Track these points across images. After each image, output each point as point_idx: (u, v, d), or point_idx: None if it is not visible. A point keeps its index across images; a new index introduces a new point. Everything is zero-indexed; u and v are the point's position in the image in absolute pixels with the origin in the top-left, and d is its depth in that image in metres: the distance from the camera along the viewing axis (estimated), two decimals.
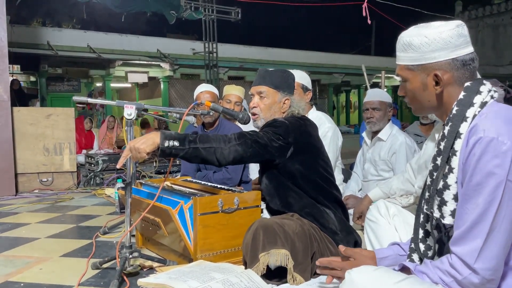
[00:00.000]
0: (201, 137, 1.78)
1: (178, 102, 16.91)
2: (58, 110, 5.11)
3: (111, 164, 5.27)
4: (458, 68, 1.21)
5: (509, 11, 29.08)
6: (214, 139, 1.78)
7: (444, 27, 1.21)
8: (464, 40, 1.21)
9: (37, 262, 2.24)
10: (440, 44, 1.20)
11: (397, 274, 1.17)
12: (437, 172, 1.23)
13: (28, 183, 4.85)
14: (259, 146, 1.82)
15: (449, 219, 1.20)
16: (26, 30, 13.04)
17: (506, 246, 1.10)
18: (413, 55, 1.24)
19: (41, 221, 3.25)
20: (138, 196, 2.24)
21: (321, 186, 1.96)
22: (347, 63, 20.08)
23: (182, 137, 1.74)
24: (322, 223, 1.92)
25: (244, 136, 1.83)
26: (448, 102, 1.24)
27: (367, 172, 2.99)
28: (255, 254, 1.70)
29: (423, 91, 1.26)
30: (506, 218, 1.08)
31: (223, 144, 1.77)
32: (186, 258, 2.02)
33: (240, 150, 1.78)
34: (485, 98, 1.19)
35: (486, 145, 1.09)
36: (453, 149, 1.19)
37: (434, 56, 1.21)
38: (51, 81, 15.85)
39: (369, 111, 2.88)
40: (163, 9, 12.71)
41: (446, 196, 1.20)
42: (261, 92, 2.02)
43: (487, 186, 1.08)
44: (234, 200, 2.00)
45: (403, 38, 1.26)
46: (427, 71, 1.23)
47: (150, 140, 1.71)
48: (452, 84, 1.22)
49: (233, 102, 3.50)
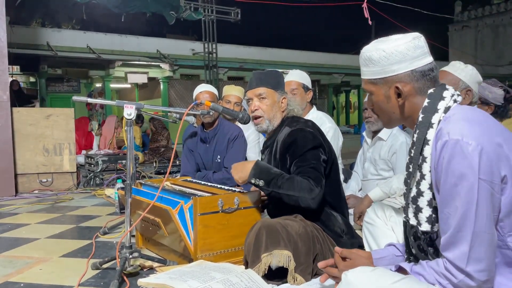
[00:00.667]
0: (286, 182, 1.79)
1: (178, 103, 16.89)
2: (57, 110, 5.11)
3: (111, 164, 5.27)
4: (418, 79, 1.24)
5: (508, 11, 29.10)
6: (297, 185, 1.78)
7: (401, 40, 1.24)
8: (421, 51, 1.24)
9: (37, 263, 2.24)
10: (397, 57, 1.23)
11: (393, 274, 1.17)
12: (411, 180, 1.25)
13: (28, 184, 4.85)
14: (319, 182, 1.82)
15: (425, 226, 1.22)
16: (26, 30, 13.02)
17: (493, 244, 1.10)
18: (374, 69, 1.27)
19: (41, 222, 3.25)
20: (138, 196, 2.24)
21: (333, 188, 1.99)
22: (346, 63, 20.08)
23: (269, 178, 1.81)
24: (327, 226, 1.93)
25: (313, 172, 1.82)
26: (414, 112, 1.27)
27: (367, 172, 2.99)
28: (257, 254, 1.70)
29: (387, 103, 1.29)
30: (487, 216, 1.09)
31: (307, 194, 1.76)
32: (186, 258, 2.02)
33: (321, 194, 1.80)
34: (448, 103, 1.21)
35: (453, 148, 1.10)
36: (422, 155, 1.21)
37: (394, 69, 1.24)
38: (51, 82, 15.84)
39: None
40: (162, 10, 12.70)
41: (420, 203, 1.22)
42: (260, 94, 2.02)
43: (461, 188, 1.09)
44: (234, 200, 2.00)
45: (364, 53, 1.30)
46: (389, 84, 1.26)
47: (245, 172, 1.87)
48: (414, 95, 1.25)
49: (232, 102, 3.49)
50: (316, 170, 1.82)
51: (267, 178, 1.81)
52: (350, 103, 26.42)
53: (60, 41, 13.36)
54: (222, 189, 2.23)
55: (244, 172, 1.87)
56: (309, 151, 1.87)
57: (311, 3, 18.28)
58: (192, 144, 3.18)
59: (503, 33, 29.28)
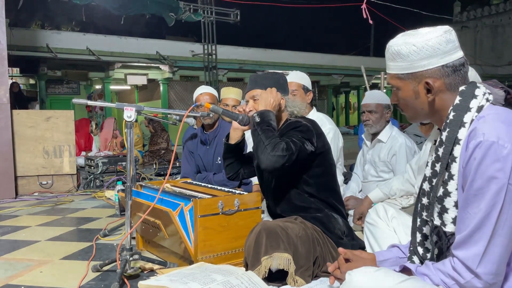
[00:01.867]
0: (271, 132, 1.82)
1: (178, 104, 16.89)
2: (57, 112, 5.11)
3: (111, 166, 5.27)
4: (449, 75, 1.19)
5: (507, 11, 29.12)
6: (272, 140, 1.79)
7: (432, 34, 1.19)
8: (452, 45, 1.19)
9: (37, 265, 2.24)
10: (428, 52, 1.18)
11: (398, 275, 1.16)
12: (436, 179, 1.22)
13: (28, 186, 4.84)
14: (295, 151, 1.80)
15: (450, 227, 1.18)
16: (25, 33, 13.01)
17: (508, 249, 1.09)
18: (402, 64, 1.23)
19: (41, 224, 3.25)
20: (138, 198, 2.24)
21: (333, 190, 1.99)
22: (346, 64, 20.08)
23: (265, 121, 1.85)
24: (327, 228, 1.93)
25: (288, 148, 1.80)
26: (442, 109, 1.23)
27: (367, 173, 3.00)
28: (257, 257, 1.70)
29: (415, 99, 1.25)
30: (507, 222, 1.07)
31: (270, 150, 1.76)
32: (187, 260, 2.01)
33: (281, 161, 1.76)
34: (481, 102, 1.17)
35: (487, 149, 1.07)
36: (452, 155, 1.17)
37: (424, 64, 1.19)
38: (51, 84, 15.84)
39: (366, 114, 2.89)
40: (162, 11, 12.71)
41: (447, 203, 1.19)
42: (254, 96, 2.03)
43: (488, 190, 1.07)
44: (234, 202, 2.00)
45: (392, 47, 1.24)
46: (418, 79, 1.22)
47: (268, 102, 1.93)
48: (444, 91, 1.21)
49: (230, 105, 3.48)
50: (292, 143, 1.81)
51: (265, 119, 1.85)
52: (350, 104, 26.40)
53: (59, 43, 13.35)
54: (223, 191, 2.23)
55: (269, 103, 1.92)
56: (295, 132, 1.89)
57: (310, 5, 18.30)
58: (192, 146, 3.18)
59: (502, 34, 29.30)
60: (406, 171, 2.45)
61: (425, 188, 1.28)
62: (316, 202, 1.95)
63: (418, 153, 2.86)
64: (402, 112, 1.33)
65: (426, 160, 1.95)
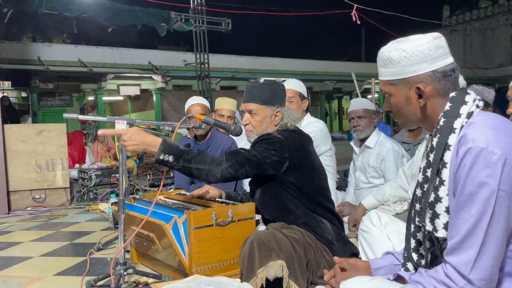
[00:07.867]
0: (197, 156, 1.82)
1: (171, 114, 16.89)
2: (49, 126, 5.07)
3: (104, 178, 5.24)
4: (439, 80, 1.21)
5: (495, 14, 29.52)
6: (207, 160, 1.82)
7: (422, 40, 1.21)
8: (442, 51, 1.21)
9: (30, 282, 2.21)
10: (419, 57, 1.20)
11: (391, 284, 1.16)
12: (428, 185, 1.23)
13: (20, 201, 4.79)
14: (252, 164, 1.85)
15: (442, 232, 1.19)
16: (16, 46, 12.97)
17: (500, 255, 1.09)
18: (394, 70, 1.25)
19: (35, 239, 3.21)
20: (132, 212, 2.23)
21: (315, 199, 1.98)
22: (338, 70, 20.21)
23: (179, 154, 1.80)
24: (317, 232, 1.93)
25: (235, 155, 1.86)
26: (433, 114, 1.24)
27: (359, 180, 3.02)
28: (252, 269, 1.69)
29: (407, 104, 1.26)
30: (499, 227, 1.08)
31: (215, 167, 1.81)
32: (182, 273, 2.00)
33: (232, 172, 1.83)
34: (471, 108, 1.19)
35: (476, 155, 1.08)
36: (442, 161, 1.18)
37: (414, 70, 1.21)
38: (43, 97, 15.80)
39: (355, 120, 2.92)
40: (153, 22, 12.76)
41: (438, 209, 1.19)
42: (251, 110, 2.03)
43: (479, 196, 1.08)
44: (228, 213, 1.99)
45: (383, 53, 1.27)
46: (409, 85, 1.23)
47: (144, 146, 1.83)
48: (435, 96, 1.23)
49: (225, 116, 3.48)
50: (243, 154, 1.85)
51: (176, 154, 1.79)
52: (343, 109, 26.53)
53: (51, 56, 13.34)
54: (216, 202, 2.22)
55: (148, 147, 1.82)
56: (261, 143, 1.91)
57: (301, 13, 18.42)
58: None
59: (491, 36, 29.67)
60: (398, 176, 2.46)
61: (417, 193, 1.29)
62: (301, 207, 1.95)
63: (406, 157, 2.89)
64: (395, 119, 1.35)
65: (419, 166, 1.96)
